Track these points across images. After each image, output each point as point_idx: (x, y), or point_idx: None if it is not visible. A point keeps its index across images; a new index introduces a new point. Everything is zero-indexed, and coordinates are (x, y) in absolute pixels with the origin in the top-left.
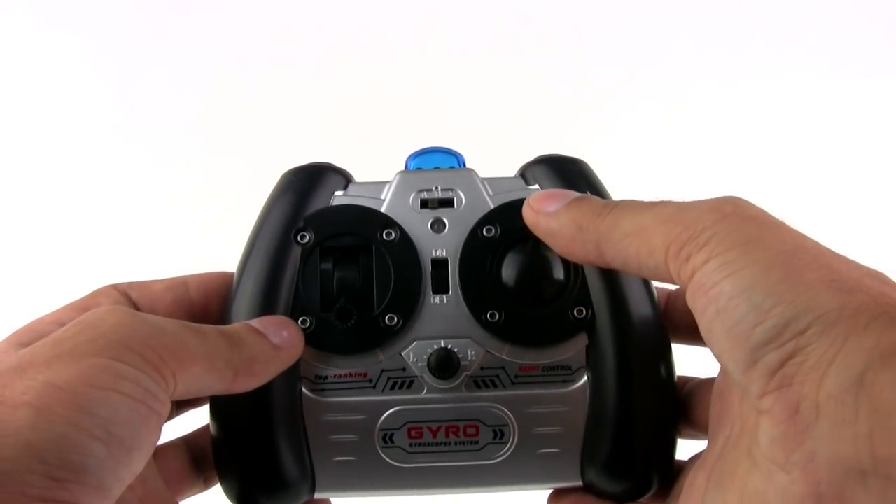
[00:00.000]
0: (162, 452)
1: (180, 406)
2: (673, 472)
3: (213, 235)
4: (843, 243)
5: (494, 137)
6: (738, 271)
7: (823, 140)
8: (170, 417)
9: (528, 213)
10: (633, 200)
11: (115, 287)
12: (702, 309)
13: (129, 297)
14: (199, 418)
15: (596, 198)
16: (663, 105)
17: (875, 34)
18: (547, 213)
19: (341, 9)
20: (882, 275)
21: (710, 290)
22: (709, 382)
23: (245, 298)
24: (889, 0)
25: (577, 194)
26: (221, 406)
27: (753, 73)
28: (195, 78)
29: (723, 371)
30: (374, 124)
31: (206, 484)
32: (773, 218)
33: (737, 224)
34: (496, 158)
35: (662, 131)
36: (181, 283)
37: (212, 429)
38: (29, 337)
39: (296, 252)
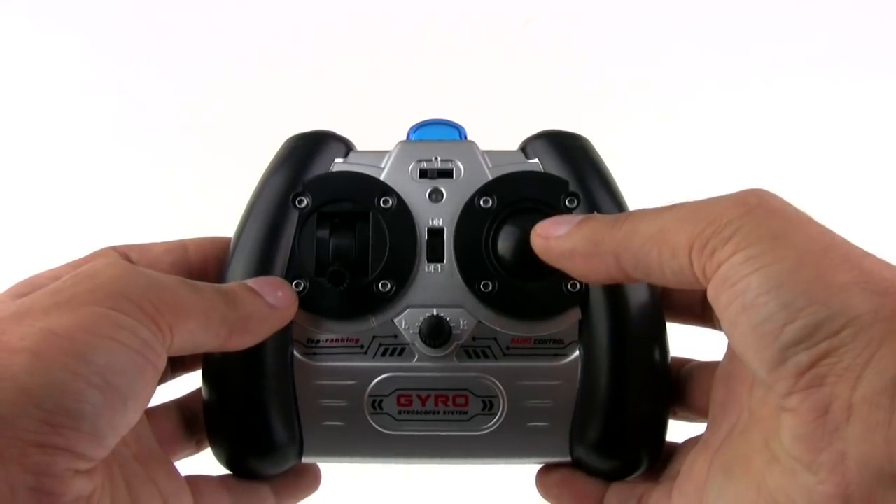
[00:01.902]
0: (154, 413)
1: (175, 369)
2: (663, 453)
3: (214, 201)
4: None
5: (498, 113)
6: (766, 266)
7: (829, 130)
8: (164, 380)
9: (537, 242)
10: (645, 208)
11: (114, 248)
12: (726, 303)
13: (128, 259)
14: (191, 384)
15: (603, 214)
16: (669, 90)
17: (876, 35)
18: (558, 236)
19: None
20: None
21: (737, 285)
22: (708, 366)
23: (242, 259)
24: (889, 0)
25: (582, 216)
26: (213, 367)
27: (766, 62)
28: (199, 47)
29: (729, 357)
30: (379, 97)
31: (199, 446)
32: (799, 211)
33: (763, 217)
34: (499, 133)
35: (668, 116)
36: (180, 247)
37: (203, 391)
38: (26, 290)
39: (294, 216)
